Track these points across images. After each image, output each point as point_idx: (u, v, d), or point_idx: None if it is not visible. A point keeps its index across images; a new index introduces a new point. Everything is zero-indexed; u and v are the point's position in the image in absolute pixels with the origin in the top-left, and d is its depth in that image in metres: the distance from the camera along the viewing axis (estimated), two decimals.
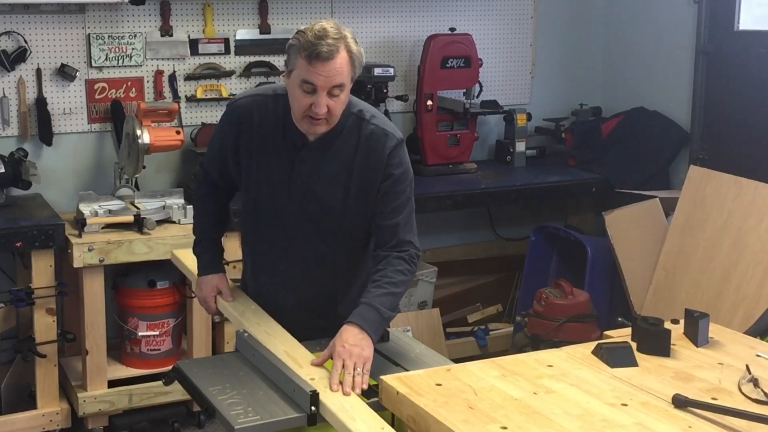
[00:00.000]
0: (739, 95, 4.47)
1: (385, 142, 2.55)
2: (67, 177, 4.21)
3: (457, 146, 4.72)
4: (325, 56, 2.38)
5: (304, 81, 2.42)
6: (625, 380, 2.26)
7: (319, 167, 2.57)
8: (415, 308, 4.52)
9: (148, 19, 4.26)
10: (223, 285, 2.81)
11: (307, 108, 2.44)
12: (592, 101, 5.16)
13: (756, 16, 4.50)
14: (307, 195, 2.58)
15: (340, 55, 2.41)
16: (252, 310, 2.71)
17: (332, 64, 2.40)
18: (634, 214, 4.34)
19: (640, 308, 4.21)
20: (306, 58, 2.40)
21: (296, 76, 2.44)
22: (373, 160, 2.55)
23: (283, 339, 2.53)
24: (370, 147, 2.55)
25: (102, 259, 3.69)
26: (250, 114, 2.60)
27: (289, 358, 2.40)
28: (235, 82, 4.46)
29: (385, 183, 2.55)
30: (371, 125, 2.56)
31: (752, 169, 4.09)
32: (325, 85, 2.41)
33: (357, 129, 2.56)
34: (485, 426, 2.00)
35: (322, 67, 2.39)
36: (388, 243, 2.56)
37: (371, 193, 2.56)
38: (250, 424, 2.18)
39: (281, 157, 2.58)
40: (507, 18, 5.04)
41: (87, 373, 3.81)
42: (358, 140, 2.55)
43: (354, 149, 2.56)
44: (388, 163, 2.55)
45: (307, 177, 2.57)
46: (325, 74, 2.40)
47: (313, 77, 2.40)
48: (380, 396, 2.27)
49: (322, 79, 2.40)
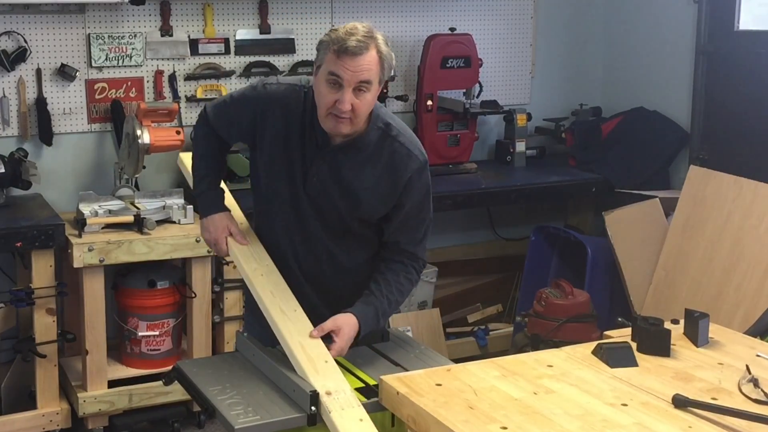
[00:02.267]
0: (739, 95, 4.47)
1: (408, 164, 2.54)
2: (67, 177, 4.21)
3: (457, 146, 4.72)
4: (353, 51, 2.39)
5: (330, 74, 2.41)
6: (625, 380, 2.26)
7: (337, 171, 2.56)
8: (415, 308, 4.52)
9: (148, 19, 4.26)
10: (233, 225, 2.71)
11: (332, 104, 2.43)
12: (592, 101, 5.16)
13: (756, 16, 4.50)
14: (321, 195, 2.58)
15: (369, 53, 2.41)
16: (266, 267, 2.61)
17: (360, 59, 2.40)
18: (634, 214, 4.34)
19: (640, 308, 4.21)
20: (335, 53, 2.40)
21: (323, 71, 2.44)
22: (393, 180, 2.54)
23: (297, 322, 2.46)
24: (393, 166, 2.54)
25: (102, 259, 3.69)
26: (278, 105, 2.57)
27: (303, 356, 2.36)
28: (235, 82, 4.45)
29: (406, 208, 2.57)
30: (396, 143, 2.55)
31: (752, 169, 4.09)
32: (352, 80, 2.40)
33: (381, 144, 2.54)
34: (485, 426, 2.00)
35: (350, 62, 2.39)
36: (402, 255, 2.63)
37: (382, 210, 2.58)
38: (250, 424, 2.18)
39: (301, 153, 2.57)
40: (507, 18, 5.04)
41: (87, 373, 3.81)
42: (380, 156, 2.54)
43: (375, 164, 2.54)
44: (408, 186, 2.55)
45: (324, 177, 2.56)
46: (353, 69, 2.40)
47: (340, 70, 2.40)
48: (380, 396, 2.27)
49: (348, 74, 2.40)
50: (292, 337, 2.41)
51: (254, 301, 2.61)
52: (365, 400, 2.29)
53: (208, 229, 2.73)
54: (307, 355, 2.35)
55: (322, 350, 2.39)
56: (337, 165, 2.56)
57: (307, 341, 2.40)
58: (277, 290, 2.55)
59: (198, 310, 3.92)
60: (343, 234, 2.63)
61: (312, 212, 2.60)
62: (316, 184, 2.57)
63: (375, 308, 2.54)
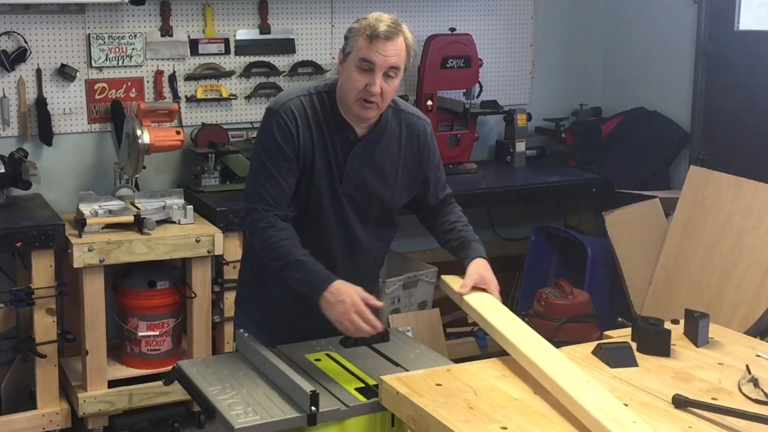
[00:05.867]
0: (739, 95, 4.47)
1: (424, 128, 2.72)
2: (67, 177, 4.21)
3: (457, 146, 4.72)
4: (385, 35, 2.47)
5: (363, 59, 2.48)
6: (625, 380, 2.26)
7: (369, 161, 2.63)
8: (415, 308, 4.52)
9: (148, 19, 4.26)
10: (361, 290, 2.42)
11: (362, 89, 2.49)
12: (592, 101, 5.17)
13: (756, 16, 4.50)
14: (357, 187, 2.63)
15: (399, 38, 2.51)
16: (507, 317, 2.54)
17: (392, 44, 2.48)
18: (634, 214, 4.34)
19: (640, 308, 4.21)
20: (367, 38, 2.48)
21: (354, 57, 2.50)
22: (417, 147, 2.70)
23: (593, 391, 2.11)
24: (412, 136, 2.69)
25: (102, 259, 3.68)
26: (305, 112, 2.58)
27: (607, 417, 1.98)
28: (235, 83, 4.46)
29: (434, 165, 2.76)
30: (407, 114, 2.70)
31: (752, 169, 4.09)
32: (384, 64, 2.48)
33: (397, 120, 2.67)
34: (485, 426, 2.00)
35: (382, 46, 2.47)
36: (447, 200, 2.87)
37: (418, 178, 2.73)
38: (250, 424, 2.19)
39: (335, 152, 2.60)
40: (507, 18, 5.04)
41: (87, 373, 3.81)
42: (400, 131, 2.67)
43: (399, 139, 2.67)
44: (430, 147, 2.73)
45: (361, 169, 2.62)
46: (384, 53, 2.48)
47: (373, 55, 2.47)
48: (380, 396, 2.27)
49: (381, 58, 2.47)
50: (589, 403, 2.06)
51: (254, 298, 2.68)
52: (365, 400, 2.29)
53: (341, 299, 2.38)
54: (610, 416, 2.00)
55: (624, 410, 2.05)
56: (369, 154, 2.63)
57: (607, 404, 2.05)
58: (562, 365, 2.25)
59: (198, 310, 3.92)
60: (376, 223, 2.72)
61: (350, 206, 2.64)
62: (352, 180, 2.62)
63: (477, 241, 2.81)
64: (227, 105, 4.44)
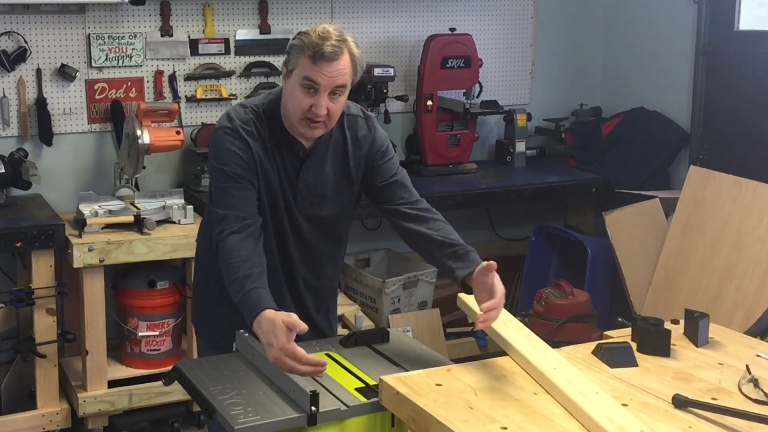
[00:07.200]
0: (739, 95, 4.47)
1: (363, 123, 2.61)
2: (67, 177, 4.22)
3: (457, 146, 4.72)
4: (329, 56, 2.38)
5: (306, 79, 2.40)
6: (625, 380, 2.26)
7: (321, 173, 2.57)
8: (415, 308, 4.52)
9: (148, 19, 4.26)
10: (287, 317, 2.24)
11: (307, 109, 2.43)
12: (592, 101, 5.16)
13: (756, 16, 4.50)
14: (312, 203, 2.59)
15: (343, 57, 2.41)
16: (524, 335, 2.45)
17: (336, 64, 2.40)
18: (634, 214, 4.34)
19: (640, 308, 4.21)
20: (310, 58, 2.39)
21: (297, 76, 2.42)
22: (361, 144, 2.60)
23: (601, 401, 2.10)
24: (353, 134, 2.59)
25: (102, 259, 3.68)
26: (256, 127, 2.51)
27: (614, 426, 1.98)
28: (235, 83, 4.46)
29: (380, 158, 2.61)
30: (346, 116, 2.59)
31: (752, 169, 4.09)
32: (328, 85, 2.40)
33: (339, 124, 2.57)
34: (485, 426, 2.00)
35: (326, 67, 2.39)
36: (420, 208, 2.59)
37: (367, 175, 2.62)
38: (250, 424, 2.18)
39: (285, 169, 2.55)
40: (507, 18, 5.04)
41: (87, 374, 3.81)
42: (342, 133, 2.58)
43: (343, 143, 2.59)
44: (374, 139, 2.61)
45: (314, 184, 2.57)
46: (329, 74, 2.39)
47: (317, 76, 2.39)
48: (380, 396, 2.27)
49: (325, 79, 2.40)
50: (596, 412, 2.05)
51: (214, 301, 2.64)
52: (365, 400, 2.29)
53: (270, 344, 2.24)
54: (618, 426, 1.99)
55: (632, 420, 2.03)
56: (319, 166, 2.57)
57: (614, 414, 2.04)
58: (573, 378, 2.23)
59: None
60: (335, 230, 2.67)
61: (307, 220, 2.60)
62: (306, 196, 2.57)
63: (473, 252, 2.54)
64: (227, 105, 4.43)
